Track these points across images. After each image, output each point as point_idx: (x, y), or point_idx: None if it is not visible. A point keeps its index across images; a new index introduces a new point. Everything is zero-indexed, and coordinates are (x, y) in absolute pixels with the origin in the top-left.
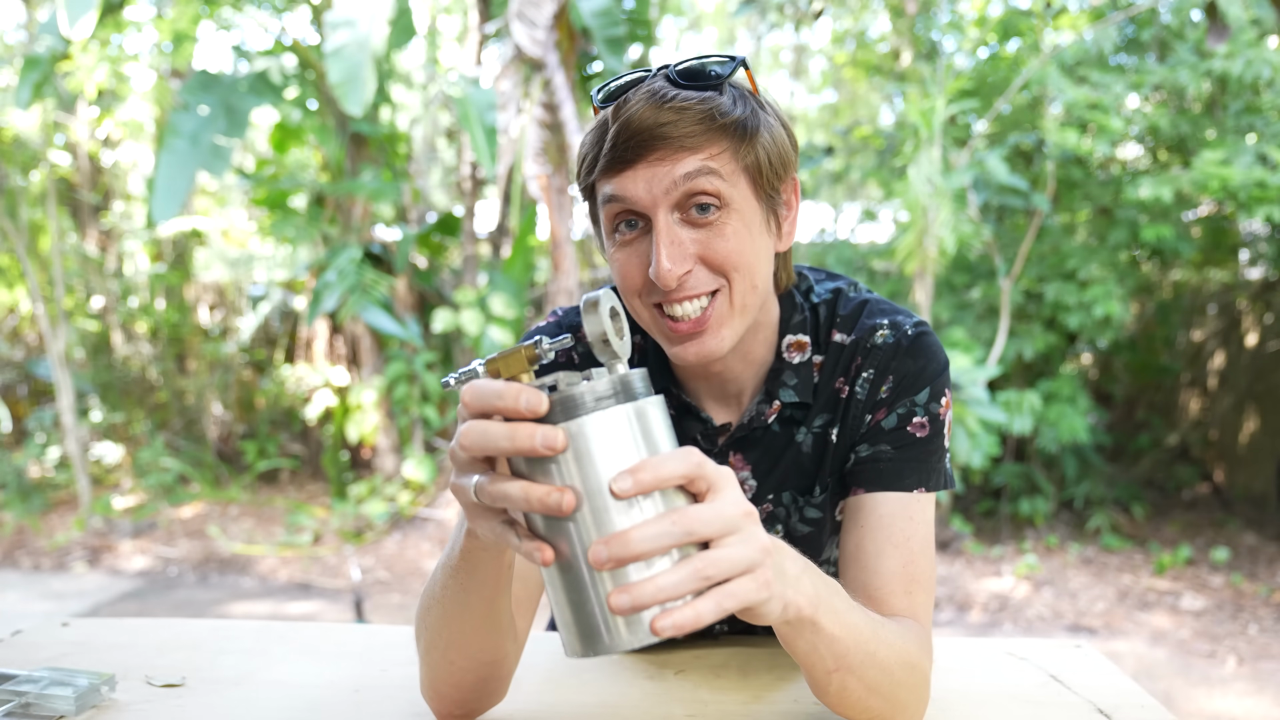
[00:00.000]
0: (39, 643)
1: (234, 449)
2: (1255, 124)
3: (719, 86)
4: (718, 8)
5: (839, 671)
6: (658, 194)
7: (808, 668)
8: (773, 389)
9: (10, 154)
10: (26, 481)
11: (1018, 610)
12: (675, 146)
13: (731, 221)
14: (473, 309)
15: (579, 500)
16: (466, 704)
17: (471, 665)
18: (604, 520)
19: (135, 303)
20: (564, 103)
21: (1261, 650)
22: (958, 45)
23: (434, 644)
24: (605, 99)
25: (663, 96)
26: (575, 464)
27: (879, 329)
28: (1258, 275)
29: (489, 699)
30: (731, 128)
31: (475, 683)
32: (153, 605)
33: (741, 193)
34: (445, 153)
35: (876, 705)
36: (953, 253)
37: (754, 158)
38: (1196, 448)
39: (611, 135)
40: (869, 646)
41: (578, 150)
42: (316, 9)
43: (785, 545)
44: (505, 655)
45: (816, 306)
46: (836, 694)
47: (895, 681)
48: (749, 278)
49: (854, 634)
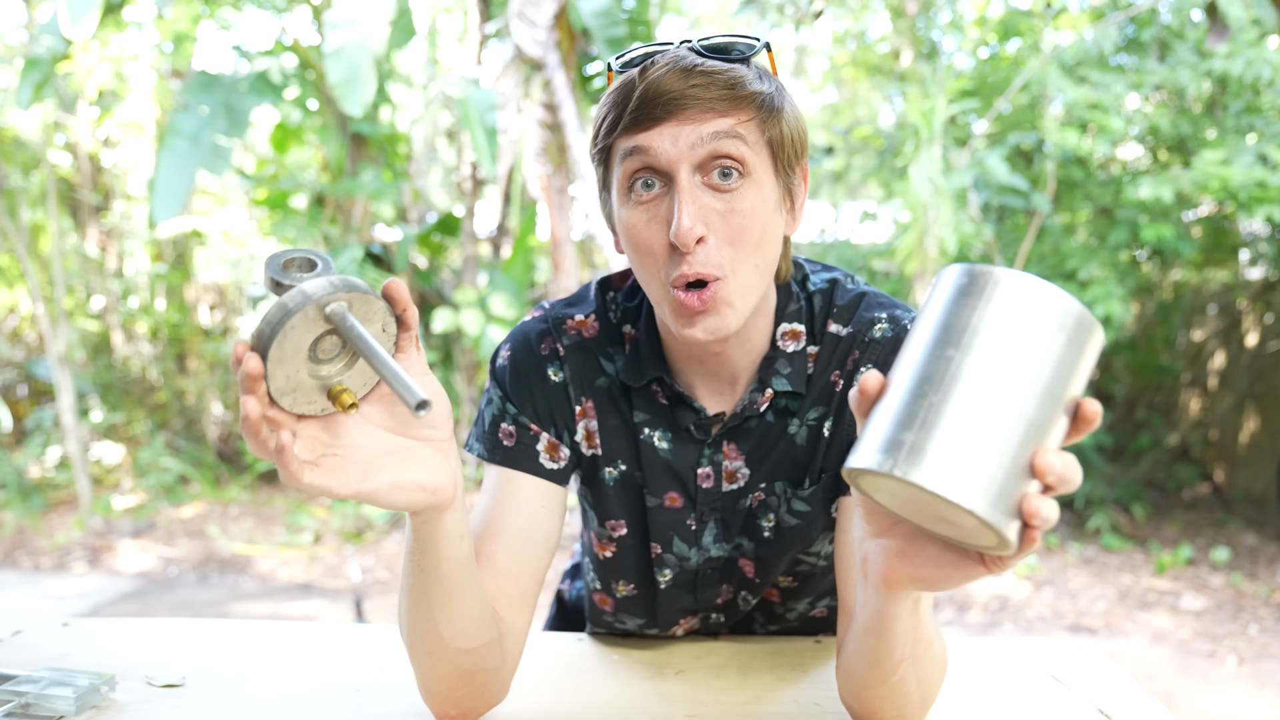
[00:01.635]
0: (39, 643)
1: (234, 449)
2: (1255, 124)
3: (744, 62)
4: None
5: (908, 660)
6: (683, 149)
7: (882, 655)
8: (766, 377)
9: (10, 154)
10: (26, 481)
11: (1018, 610)
12: (704, 108)
13: (750, 194)
14: (473, 309)
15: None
16: (460, 702)
17: (451, 655)
18: (1048, 410)
19: (135, 303)
20: (564, 103)
21: (1262, 650)
22: (958, 45)
23: (413, 639)
24: (626, 65)
25: (691, 63)
26: (1063, 345)
27: (877, 322)
28: (1258, 275)
29: (483, 697)
30: (758, 100)
31: (461, 677)
32: (153, 605)
33: (763, 164)
34: (445, 153)
35: (915, 701)
36: (954, 253)
37: (777, 132)
38: (1197, 448)
39: (640, 94)
40: (930, 635)
41: (595, 112)
42: (316, 9)
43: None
44: (487, 648)
45: (812, 296)
46: (893, 685)
47: (936, 677)
48: (754, 255)
49: (928, 619)
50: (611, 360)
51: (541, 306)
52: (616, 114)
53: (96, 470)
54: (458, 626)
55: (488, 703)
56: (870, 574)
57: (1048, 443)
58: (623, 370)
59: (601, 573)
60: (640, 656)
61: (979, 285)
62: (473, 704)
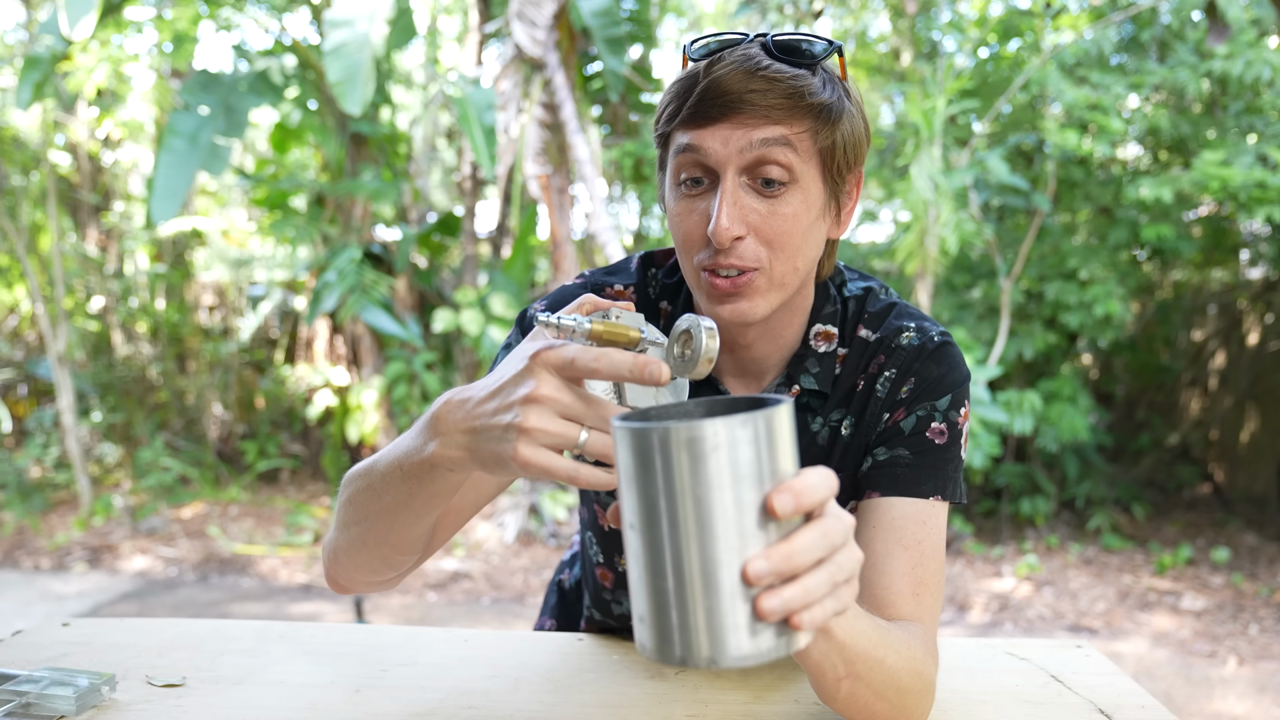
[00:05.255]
0: (39, 643)
1: (234, 449)
2: (1255, 124)
3: (813, 67)
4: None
5: (848, 678)
6: (732, 152)
7: (818, 675)
8: (794, 373)
9: (10, 154)
10: (26, 481)
11: (1018, 610)
12: (760, 115)
13: (795, 200)
14: (473, 309)
15: (693, 495)
16: (356, 583)
17: (381, 554)
18: (732, 529)
19: (135, 303)
20: (564, 103)
21: (1262, 650)
22: (958, 45)
23: (354, 524)
24: (698, 54)
25: (757, 63)
26: (689, 470)
27: (905, 330)
28: (1258, 275)
29: (380, 584)
30: (817, 109)
31: (377, 567)
32: (153, 605)
33: (812, 172)
34: (445, 153)
35: (884, 710)
36: (954, 252)
37: (831, 142)
38: (1197, 448)
39: (700, 90)
40: (877, 653)
41: (660, 96)
42: (316, 9)
43: None
44: (414, 556)
45: (847, 300)
46: (845, 700)
47: (902, 687)
48: (794, 258)
49: (862, 640)
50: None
51: (583, 275)
52: (677, 105)
53: (96, 470)
54: (407, 542)
55: (378, 586)
56: None
57: (748, 552)
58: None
59: (605, 545)
60: (640, 656)
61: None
62: (365, 584)
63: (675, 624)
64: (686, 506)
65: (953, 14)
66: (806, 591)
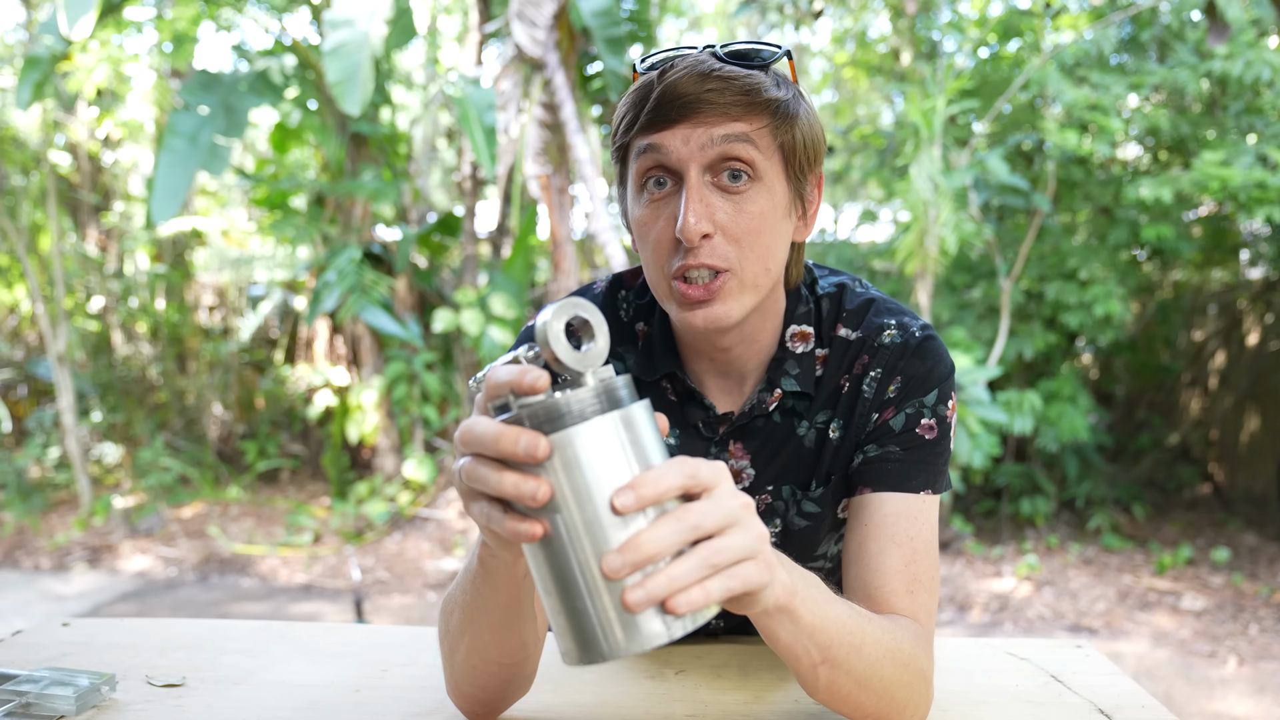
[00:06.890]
0: (39, 643)
1: (234, 449)
2: (1255, 124)
3: (764, 68)
4: (718, 8)
5: (824, 665)
6: (694, 149)
7: (793, 662)
8: (775, 377)
9: (10, 154)
10: (26, 481)
11: (1018, 610)
12: (719, 112)
13: (760, 196)
14: (473, 309)
15: (563, 504)
16: (491, 701)
17: (493, 668)
18: (600, 529)
19: (135, 303)
20: (564, 103)
21: (1262, 650)
22: (958, 45)
23: (456, 648)
24: (649, 67)
25: (710, 67)
26: (564, 474)
27: (886, 328)
28: (1258, 275)
29: (513, 694)
30: (774, 106)
31: (499, 683)
32: (153, 605)
33: (774, 169)
34: (445, 153)
35: (871, 702)
36: (954, 252)
37: (790, 138)
38: (1197, 448)
39: (656, 96)
40: (853, 640)
41: (615, 112)
42: (316, 9)
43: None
44: (527, 655)
45: (820, 299)
46: (826, 689)
47: (886, 678)
48: (764, 257)
49: (835, 626)
50: (621, 359)
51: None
52: (634, 114)
53: (96, 470)
54: (507, 645)
55: (513, 697)
56: None
57: (608, 547)
58: (635, 365)
59: None
60: (640, 656)
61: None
62: (500, 701)
63: (567, 627)
64: (558, 516)
65: (953, 14)
66: (672, 579)
